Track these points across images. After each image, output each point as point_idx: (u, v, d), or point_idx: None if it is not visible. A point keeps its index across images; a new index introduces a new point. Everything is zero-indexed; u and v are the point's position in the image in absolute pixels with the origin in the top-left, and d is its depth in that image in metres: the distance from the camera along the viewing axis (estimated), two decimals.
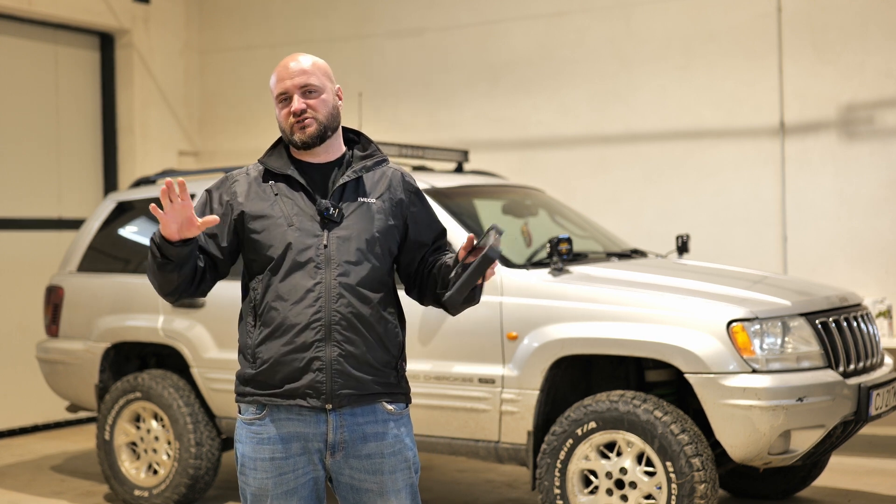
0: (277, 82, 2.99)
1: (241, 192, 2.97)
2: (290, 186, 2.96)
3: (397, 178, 3.06)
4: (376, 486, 2.94)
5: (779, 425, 4.51)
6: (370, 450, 2.92)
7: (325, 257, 2.89)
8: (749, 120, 7.59)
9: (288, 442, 2.90)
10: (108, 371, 6.29)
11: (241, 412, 2.98)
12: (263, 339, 2.89)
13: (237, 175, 3.03)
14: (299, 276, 2.88)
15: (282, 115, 2.97)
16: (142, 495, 5.95)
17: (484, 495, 6.20)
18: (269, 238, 2.91)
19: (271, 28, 9.43)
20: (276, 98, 2.99)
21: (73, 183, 8.96)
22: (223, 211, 2.97)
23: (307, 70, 2.98)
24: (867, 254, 7.23)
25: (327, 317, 2.87)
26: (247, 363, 2.94)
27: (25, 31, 8.60)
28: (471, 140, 8.38)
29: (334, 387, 2.87)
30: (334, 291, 2.88)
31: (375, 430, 2.93)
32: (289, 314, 2.87)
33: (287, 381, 2.87)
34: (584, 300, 4.93)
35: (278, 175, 2.98)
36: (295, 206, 2.93)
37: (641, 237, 7.39)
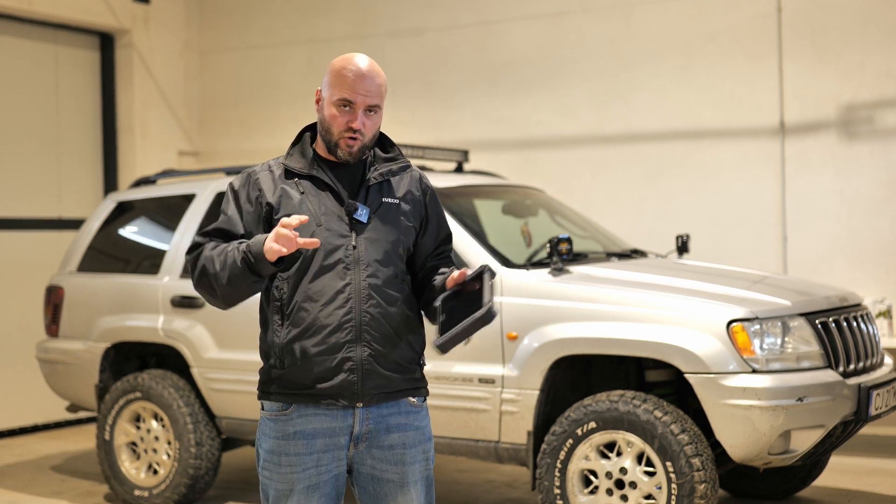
0: (346, 88, 2.90)
1: (268, 189, 2.95)
2: (316, 186, 2.96)
3: (416, 179, 3.10)
4: (397, 476, 2.97)
5: (779, 425, 4.51)
6: (393, 440, 2.97)
7: (354, 258, 2.91)
8: (749, 120, 7.59)
9: (313, 437, 2.91)
10: (108, 371, 6.29)
11: (265, 408, 2.98)
12: (293, 339, 2.89)
13: (259, 171, 3.00)
14: (329, 276, 2.89)
15: (336, 119, 2.91)
16: (142, 495, 5.95)
17: (484, 495, 6.20)
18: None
19: (271, 28, 9.44)
20: (335, 99, 2.91)
21: (73, 183, 8.96)
22: (254, 209, 2.95)
23: (378, 89, 2.93)
24: (867, 254, 7.23)
25: (358, 318, 2.90)
26: (273, 362, 2.93)
27: (25, 31, 8.60)
28: (471, 140, 8.38)
29: (365, 386, 2.91)
30: (364, 293, 2.91)
31: (399, 422, 2.98)
32: (319, 315, 2.88)
33: (318, 381, 2.89)
34: (584, 300, 4.93)
35: (303, 174, 2.97)
36: (322, 205, 2.93)
37: (641, 237, 7.39)
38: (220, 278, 2.85)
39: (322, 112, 2.96)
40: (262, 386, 3.00)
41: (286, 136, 9.16)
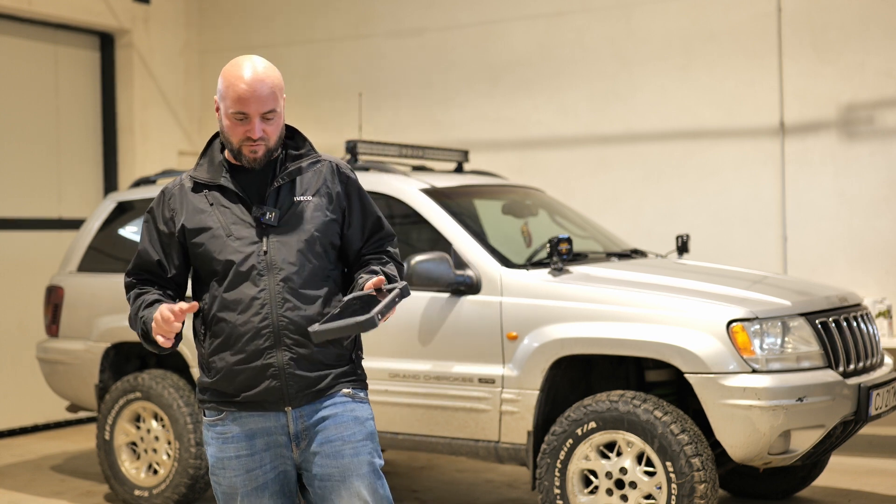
0: (237, 101, 2.87)
1: (179, 207, 2.98)
2: (225, 195, 2.96)
3: (331, 171, 3.04)
4: (337, 471, 2.93)
5: (779, 425, 4.51)
6: (330, 433, 2.93)
7: (266, 263, 2.91)
8: (749, 120, 7.59)
9: (252, 438, 2.95)
10: (108, 371, 6.29)
11: (205, 415, 3.04)
12: (215, 350, 2.95)
13: (172, 189, 3.02)
14: (244, 285, 2.91)
15: (233, 130, 2.91)
16: (142, 495, 5.95)
17: (484, 495, 6.20)
18: (211, 250, 2.93)
19: (271, 28, 9.44)
20: (229, 112, 2.89)
21: (73, 183, 8.95)
22: (168, 230, 2.99)
23: (270, 94, 2.89)
24: (867, 254, 7.23)
25: (275, 322, 2.90)
26: (203, 373, 3.00)
27: (25, 31, 8.60)
28: (471, 140, 8.38)
29: (290, 391, 2.92)
30: (279, 297, 2.90)
31: (333, 412, 2.95)
32: (237, 323, 2.91)
33: (243, 389, 2.92)
34: (584, 300, 4.93)
35: (211, 185, 2.98)
36: (232, 214, 2.95)
37: (641, 237, 7.39)
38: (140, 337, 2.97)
39: (221, 122, 2.96)
40: (198, 396, 3.06)
41: None
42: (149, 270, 3.03)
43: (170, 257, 3.00)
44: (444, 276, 5.06)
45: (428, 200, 5.49)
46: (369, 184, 5.74)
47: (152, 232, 3.02)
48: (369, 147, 6.08)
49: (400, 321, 5.24)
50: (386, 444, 5.43)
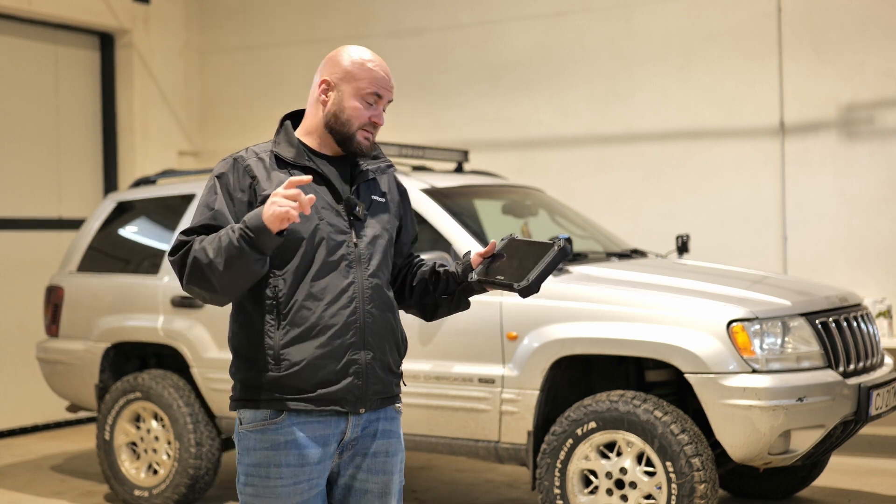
0: (375, 82, 2.83)
1: (262, 177, 2.77)
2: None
3: (393, 178, 3.04)
4: (378, 486, 2.87)
5: (779, 425, 4.51)
6: (378, 448, 2.86)
7: (356, 256, 2.80)
8: (749, 120, 7.59)
9: (306, 448, 2.74)
10: (108, 371, 6.28)
11: (248, 419, 2.78)
12: (292, 341, 2.72)
13: (248, 158, 2.81)
14: (333, 275, 2.76)
15: (359, 112, 2.82)
16: (142, 495, 5.95)
17: (484, 495, 6.20)
18: (300, 231, 2.74)
19: (271, 28, 9.44)
20: (363, 91, 2.82)
21: (73, 183, 8.95)
22: (247, 198, 2.76)
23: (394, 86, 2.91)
24: (867, 254, 7.23)
25: (362, 319, 2.79)
26: (263, 365, 2.74)
27: (25, 31, 8.60)
28: (471, 140, 8.38)
29: (368, 391, 2.80)
30: (367, 292, 2.80)
31: (385, 428, 2.88)
32: (324, 315, 2.73)
33: (321, 385, 2.73)
34: (584, 300, 4.93)
35: (296, 165, 2.82)
36: (320, 199, 2.79)
37: (641, 237, 7.39)
38: (215, 266, 2.61)
39: (339, 103, 2.84)
40: (246, 393, 2.78)
41: None
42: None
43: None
44: None
45: (428, 200, 5.49)
46: None
47: (226, 198, 2.75)
48: None
49: None
50: None
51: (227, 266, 2.60)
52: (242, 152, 2.84)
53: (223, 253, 2.60)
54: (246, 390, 2.78)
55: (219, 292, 2.68)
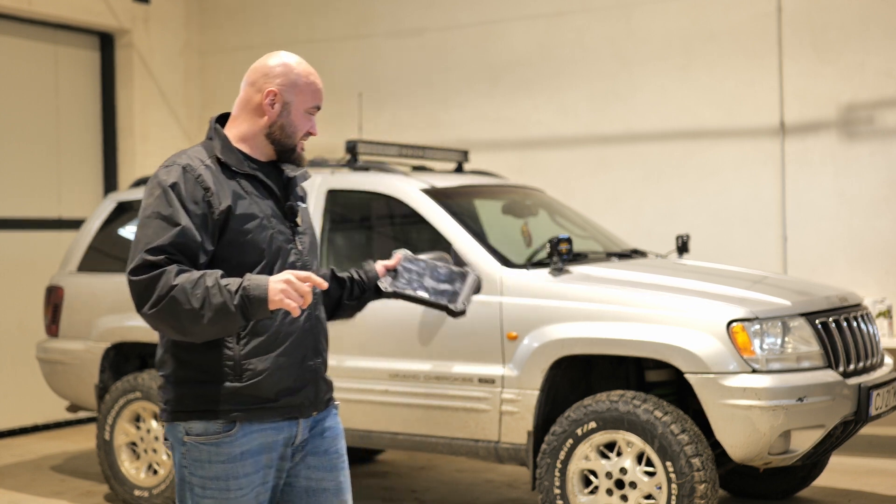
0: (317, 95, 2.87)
1: (216, 188, 2.71)
2: (254, 186, 2.81)
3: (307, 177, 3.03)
4: (333, 484, 2.90)
5: (779, 425, 4.51)
6: (328, 446, 2.90)
7: (302, 263, 2.84)
8: (749, 120, 7.59)
9: (259, 454, 2.76)
10: (108, 371, 6.29)
11: (199, 430, 2.73)
12: (254, 351, 2.72)
13: (196, 167, 2.72)
14: None
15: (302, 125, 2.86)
16: (142, 495, 5.95)
17: (484, 495, 6.20)
18: (258, 241, 2.74)
19: (271, 28, 9.43)
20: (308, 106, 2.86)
21: (73, 183, 8.95)
22: (201, 210, 2.68)
23: None
24: (867, 254, 7.23)
25: (313, 325, 2.85)
26: (222, 377, 2.70)
27: (25, 31, 8.60)
28: (471, 140, 8.38)
29: (320, 395, 2.87)
30: (314, 299, 2.85)
31: (330, 424, 2.93)
32: (283, 323, 2.75)
33: (284, 393, 2.76)
34: (584, 300, 4.93)
35: (240, 172, 2.79)
36: (268, 206, 2.80)
37: (641, 237, 7.39)
38: (198, 317, 2.55)
39: (287, 117, 2.84)
40: (197, 404, 2.72)
41: None
42: (187, 254, 2.64)
43: (204, 241, 2.67)
44: None
45: (428, 200, 5.49)
46: (369, 184, 5.74)
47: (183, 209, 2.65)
48: (369, 147, 6.08)
49: (400, 321, 5.24)
50: (386, 444, 5.43)
51: (213, 322, 2.56)
52: (186, 160, 2.74)
53: (211, 309, 2.54)
54: (198, 402, 2.73)
55: (190, 337, 2.64)
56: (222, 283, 2.56)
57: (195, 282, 2.56)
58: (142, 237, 2.64)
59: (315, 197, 5.74)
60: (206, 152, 2.80)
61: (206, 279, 2.57)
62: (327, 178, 5.83)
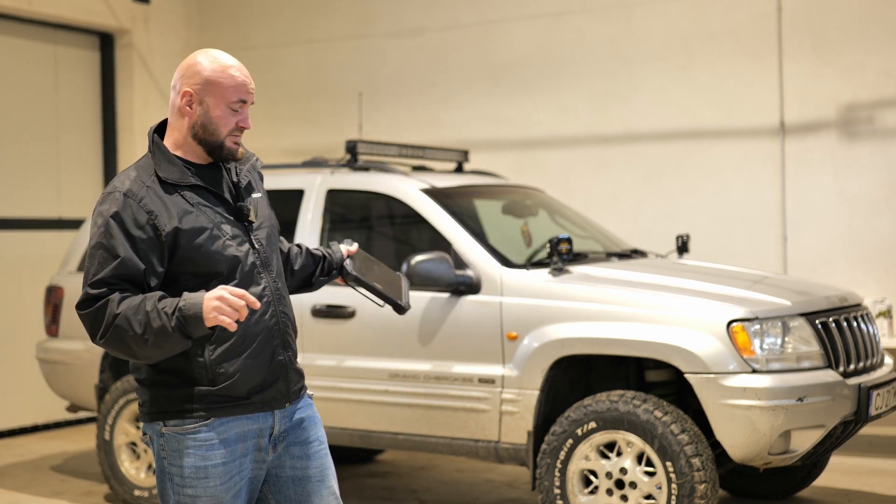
0: (238, 88, 2.84)
1: (158, 210, 2.75)
2: (199, 195, 2.83)
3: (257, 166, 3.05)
4: (317, 471, 2.96)
5: (779, 425, 4.51)
6: (308, 435, 2.96)
7: (261, 261, 2.88)
8: (749, 120, 7.59)
9: (234, 444, 2.82)
10: (108, 371, 6.29)
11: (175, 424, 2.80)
12: (223, 355, 2.77)
13: (137, 191, 2.75)
14: (250, 284, 2.83)
15: (226, 120, 2.84)
16: (142, 495, 5.95)
17: (484, 495, 6.20)
18: (212, 250, 2.78)
19: (271, 28, 9.43)
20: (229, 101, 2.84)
21: (73, 183, 8.95)
22: (146, 234, 2.72)
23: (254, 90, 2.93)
24: (867, 254, 7.23)
25: (280, 320, 2.89)
26: (194, 382, 2.77)
27: (25, 31, 8.60)
28: (471, 140, 8.38)
29: (290, 387, 2.93)
30: (276, 294, 2.90)
31: (308, 414, 2.99)
32: (249, 324, 2.80)
33: (255, 391, 2.83)
34: (584, 300, 4.93)
35: (182, 185, 2.81)
36: (216, 213, 2.83)
37: (641, 237, 7.39)
38: (142, 341, 2.63)
39: (206, 115, 2.83)
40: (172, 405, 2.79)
41: (285, 136, 9.17)
42: (131, 281, 2.70)
43: (151, 265, 2.72)
44: (444, 276, 5.06)
45: (428, 200, 5.49)
46: (369, 184, 5.74)
47: (126, 239, 2.70)
48: (369, 147, 6.08)
49: (400, 321, 5.24)
50: (386, 444, 5.43)
51: (157, 346, 2.65)
52: (127, 184, 2.77)
53: (152, 333, 2.62)
54: (173, 403, 2.80)
55: (142, 360, 2.74)
56: (160, 307, 2.63)
57: (136, 307, 2.64)
58: (87, 270, 2.73)
59: (315, 197, 5.74)
60: (147, 170, 2.82)
61: (146, 303, 2.64)
62: (327, 178, 5.83)
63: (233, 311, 2.60)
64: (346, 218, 5.97)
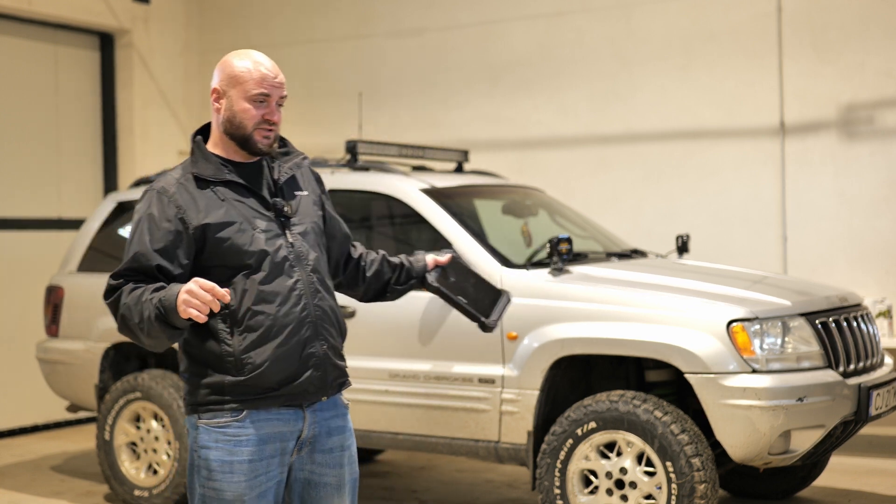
0: (260, 82, 2.93)
1: (188, 205, 2.87)
2: (233, 190, 2.93)
3: (308, 168, 3.14)
4: (335, 479, 3.01)
5: (779, 425, 4.51)
6: (333, 443, 3.01)
7: (295, 255, 2.94)
8: (749, 120, 7.59)
9: (264, 443, 2.88)
10: (108, 371, 6.29)
11: (209, 417, 2.89)
12: (252, 345, 2.85)
13: (169, 187, 2.90)
14: (279, 277, 2.89)
15: (249, 114, 2.92)
16: (142, 495, 5.95)
17: (484, 495, 6.20)
18: (240, 243, 2.87)
19: (271, 28, 9.43)
20: (249, 94, 2.92)
21: (73, 183, 8.95)
22: (174, 227, 2.85)
23: (283, 82, 3.00)
24: (867, 254, 7.23)
25: (312, 312, 2.93)
26: (225, 372, 2.86)
27: (25, 31, 8.60)
28: (471, 140, 8.38)
29: (327, 380, 2.96)
30: (312, 287, 2.95)
31: (339, 424, 3.03)
32: (278, 316, 2.87)
33: (285, 382, 2.88)
34: (584, 300, 4.93)
35: (216, 181, 2.92)
36: (248, 208, 2.92)
37: (641, 237, 7.39)
38: (138, 331, 2.77)
39: (230, 109, 2.93)
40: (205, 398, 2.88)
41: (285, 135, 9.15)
42: (145, 273, 2.83)
43: (174, 258, 2.84)
44: None
45: (428, 200, 5.49)
46: (369, 184, 5.74)
47: (152, 233, 2.84)
48: (369, 147, 6.08)
49: (400, 321, 5.24)
50: (386, 444, 5.43)
51: (152, 334, 2.76)
52: (164, 183, 2.92)
53: (145, 321, 2.74)
54: (207, 394, 2.90)
55: (148, 347, 2.85)
56: (151, 297, 2.74)
57: (137, 298, 2.77)
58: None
59: None
60: (186, 168, 2.96)
61: (145, 293, 2.77)
62: (327, 177, 5.83)
63: (201, 304, 2.63)
64: (347, 218, 5.93)
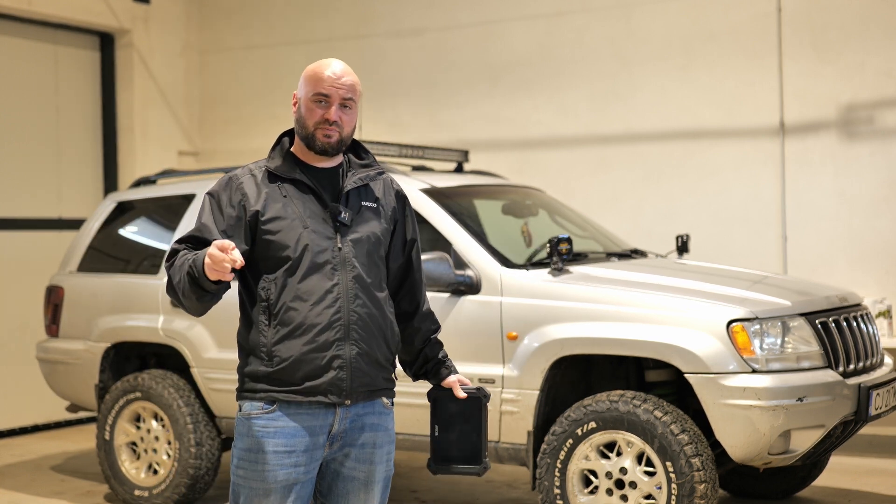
0: (319, 82, 3.02)
1: (251, 194, 3.02)
2: (299, 189, 3.04)
3: (389, 184, 3.21)
4: (364, 474, 3.06)
5: (779, 425, 4.51)
6: (366, 439, 3.05)
7: (340, 259, 3.00)
8: (749, 120, 7.59)
9: (295, 436, 2.96)
10: (108, 371, 6.28)
11: (245, 408, 3.03)
12: (282, 339, 2.96)
13: (241, 176, 3.06)
14: (317, 277, 2.97)
15: (312, 113, 3.02)
16: (142, 495, 5.95)
17: (484, 495, 6.20)
18: (285, 239, 2.98)
19: (271, 28, 9.43)
20: (310, 95, 3.03)
21: (73, 183, 8.95)
22: (236, 213, 3.00)
23: (351, 85, 3.05)
24: (867, 254, 7.23)
25: (346, 317, 2.98)
26: (259, 361, 3.00)
27: (25, 31, 8.60)
28: (471, 140, 8.38)
29: (353, 384, 2.99)
30: (351, 293, 3.00)
31: (373, 422, 3.07)
32: (309, 314, 2.95)
33: (307, 378, 2.95)
34: (584, 300, 4.93)
35: (285, 178, 3.04)
36: (307, 208, 3.02)
37: (641, 237, 7.39)
38: (177, 290, 2.92)
39: (299, 111, 3.07)
40: (244, 386, 3.05)
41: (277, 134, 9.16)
42: (205, 245, 2.94)
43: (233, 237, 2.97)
44: (444, 276, 5.06)
45: (428, 200, 5.49)
46: None
47: (215, 212, 3.01)
48: (369, 147, 6.05)
49: None
50: None
51: (184, 295, 2.91)
52: (239, 170, 3.09)
53: (183, 281, 2.88)
54: (246, 383, 3.04)
55: (186, 310, 3.01)
56: (190, 258, 2.88)
57: (182, 262, 2.91)
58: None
59: None
60: (261, 163, 3.11)
61: (188, 255, 2.91)
62: None
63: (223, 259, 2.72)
64: None
